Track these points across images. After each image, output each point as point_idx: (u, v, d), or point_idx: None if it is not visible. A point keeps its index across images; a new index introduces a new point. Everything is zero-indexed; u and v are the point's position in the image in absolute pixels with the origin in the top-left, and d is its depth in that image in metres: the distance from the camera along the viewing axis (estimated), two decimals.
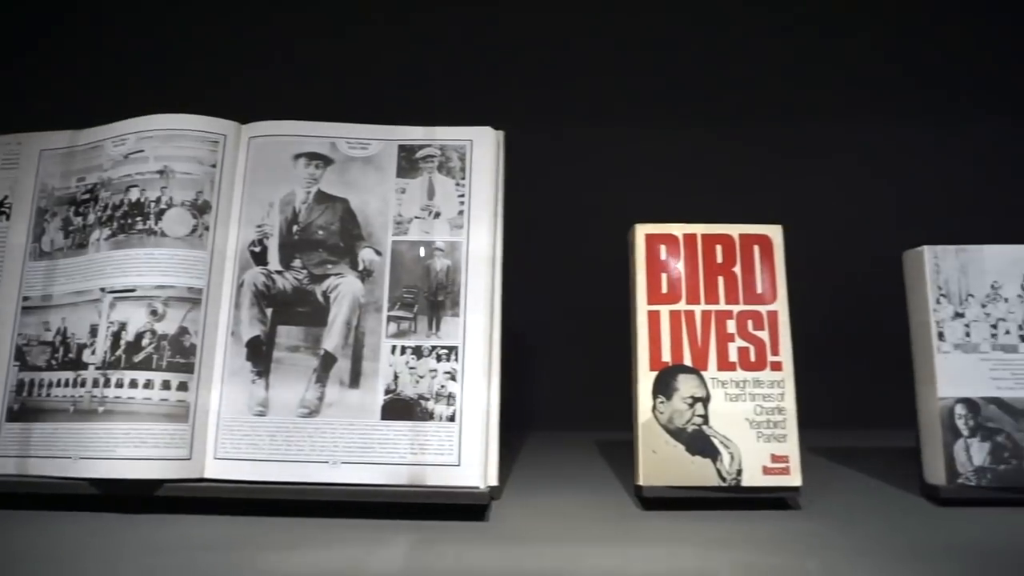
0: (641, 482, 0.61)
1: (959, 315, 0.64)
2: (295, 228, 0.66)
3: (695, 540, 0.54)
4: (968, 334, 0.64)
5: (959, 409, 0.62)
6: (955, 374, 0.63)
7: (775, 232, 0.66)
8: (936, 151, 1.07)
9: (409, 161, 0.68)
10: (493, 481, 0.63)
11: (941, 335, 0.64)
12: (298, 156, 0.67)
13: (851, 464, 0.77)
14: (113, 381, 0.61)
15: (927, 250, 0.65)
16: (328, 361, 0.63)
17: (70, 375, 0.62)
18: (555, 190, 1.03)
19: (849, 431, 0.90)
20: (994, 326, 0.64)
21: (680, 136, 1.06)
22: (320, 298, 0.64)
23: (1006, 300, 0.64)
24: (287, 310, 0.64)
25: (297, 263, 0.65)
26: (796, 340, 0.81)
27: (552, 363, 0.95)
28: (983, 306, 0.64)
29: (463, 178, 0.67)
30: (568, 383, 0.93)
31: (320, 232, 0.66)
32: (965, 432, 0.62)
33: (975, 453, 0.62)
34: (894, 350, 0.73)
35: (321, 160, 0.67)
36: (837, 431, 0.83)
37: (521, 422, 0.85)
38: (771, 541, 0.53)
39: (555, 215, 1.01)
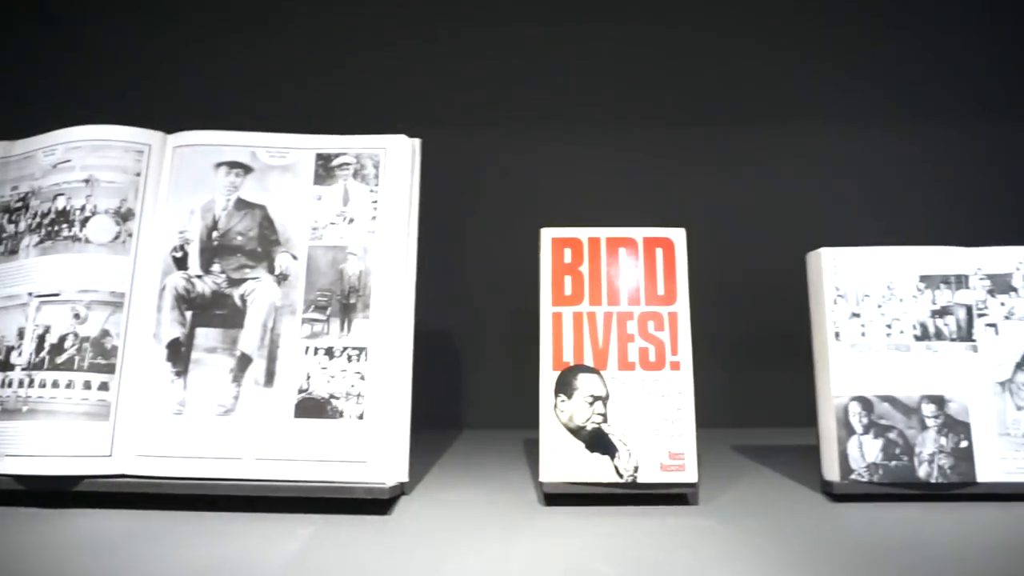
0: (543, 478, 0.63)
1: (855, 315, 0.66)
2: (215, 234, 0.68)
3: (581, 533, 0.56)
4: (864, 334, 0.65)
5: (853, 407, 0.64)
6: (850, 373, 0.65)
7: (678, 235, 0.68)
8: (842, 153, 1.06)
9: (326, 169, 0.70)
10: (403, 477, 0.65)
11: (837, 335, 0.66)
12: (219, 164, 0.70)
13: (761, 461, 0.78)
14: (37, 381, 0.64)
15: (825, 252, 0.67)
16: (244, 362, 0.66)
17: None
18: (483, 194, 1.04)
19: (764, 429, 0.91)
20: (889, 325, 0.65)
21: (590, 141, 1.07)
22: (238, 301, 0.67)
23: (901, 300, 0.66)
24: (206, 313, 0.67)
25: (216, 268, 0.68)
26: (710, 340, 0.83)
27: (486, 363, 0.98)
28: (879, 306, 0.66)
29: (377, 185, 0.69)
30: (500, 382, 0.95)
31: (239, 238, 0.68)
32: (859, 429, 0.64)
33: (868, 450, 0.63)
34: (804, 349, 0.74)
35: (241, 168, 0.70)
36: (752, 429, 0.85)
37: (455, 421, 0.88)
38: (653, 534, 0.55)
39: (478, 218, 1.03)
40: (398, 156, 0.70)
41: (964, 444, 0.63)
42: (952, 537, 0.55)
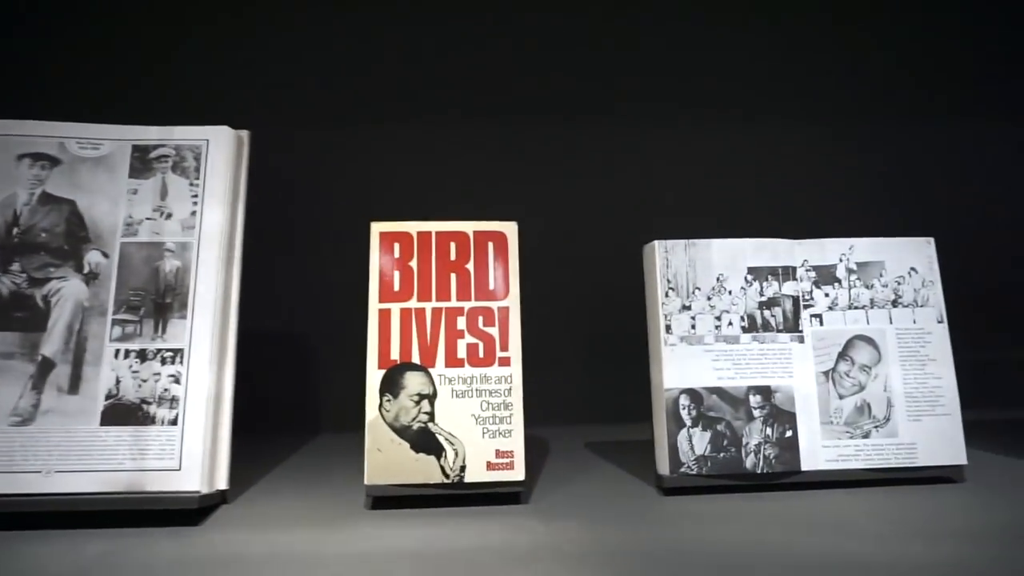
0: (367, 481, 0.61)
1: (686, 308, 0.66)
2: (15, 231, 0.64)
3: (399, 537, 0.54)
4: (694, 326, 0.65)
5: (683, 399, 0.64)
6: (680, 365, 0.64)
7: (510, 229, 0.66)
8: (684, 147, 1.07)
9: (143, 161, 0.66)
10: (222, 485, 0.62)
11: (668, 328, 0.65)
12: (22, 156, 0.65)
13: (609, 457, 0.78)
14: None
15: (658, 244, 0.67)
16: (46, 367, 0.61)
17: None
18: (319, 187, 1.00)
19: (621, 425, 0.91)
20: (718, 318, 0.66)
21: (429, 135, 1.04)
22: (40, 302, 0.62)
23: (730, 292, 0.66)
24: (3, 315, 0.62)
25: (16, 267, 0.63)
26: (565, 335, 0.82)
27: (335, 363, 0.94)
28: (708, 299, 0.66)
29: (197, 178, 0.66)
30: (351, 383, 0.92)
31: (43, 235, 0.64)
32: (688, 422, 0.64)
33: (697, 442, 0.63)
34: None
35: (47, 160, 0.65)
36: (610, 426, 0.85)
37: (308, 425, 0.84)
38: (473, 535, 0.54)
39: (314, 212, 0.99)
40: (221, 148, 0.67)
41: (789, 434, 0.64)
42: (774, 527, 0.55)
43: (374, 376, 0.63)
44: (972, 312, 0.87)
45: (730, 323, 0.66)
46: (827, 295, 0.67)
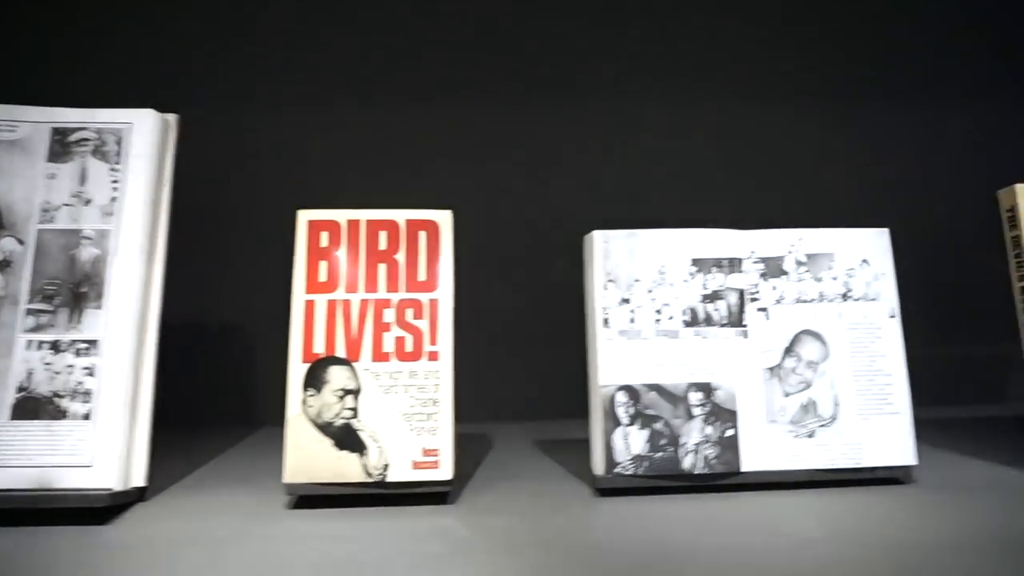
0: (286, 479, 0.58)
1: (625, 301, 0.63)
2: None
3: (313, 537, 0.51)
4: (633, 320, 0.63)
5: (620, 396, 0.61)
6: (618, 361, 0.62)
7: (443, 217, 0.64)
8: (631, 133, 1.03)
9: (62, 145, 0.64)
10: (139, 482, 0.60)
11: (606, 321, 0.63)
12: None
13: (553, 455, 0.75)
14: None
15: (597, 235, 0.64)
16: None
17: None
18: (250, 174, 0.97)
19: (576, 420, 0.88)
20: (659, 311, 0.63)
21: (363, 120, 1.00)
22: None
23: (671, 285, 0.63)
24: None
25: None
26: (514, 329, 0.78)
27: (279, 355, 0.92)
28: (649, 291, 0.63)
29: (119, 163, 0.63)
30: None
31: None
32: (625, 420, 0.61)
33: (633, 441, 0.61)
34: None
35: None
36: (564, 421, 0.82)
37: (246, 418, 0.82)
38: (390, 536, 0.51)
39: (246, 200, 0.95)
40: (145, 132, 0.64)
41: (730, 433, 0.61)
42: (709, 529, 0.52)
43: (297, 370, 0.60)
44: (927, 306, 0.84)
45: (671, 317, 0.63)
46: (774, 288, 0.64)
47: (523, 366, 0.91)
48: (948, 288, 0.97)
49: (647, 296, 0.63)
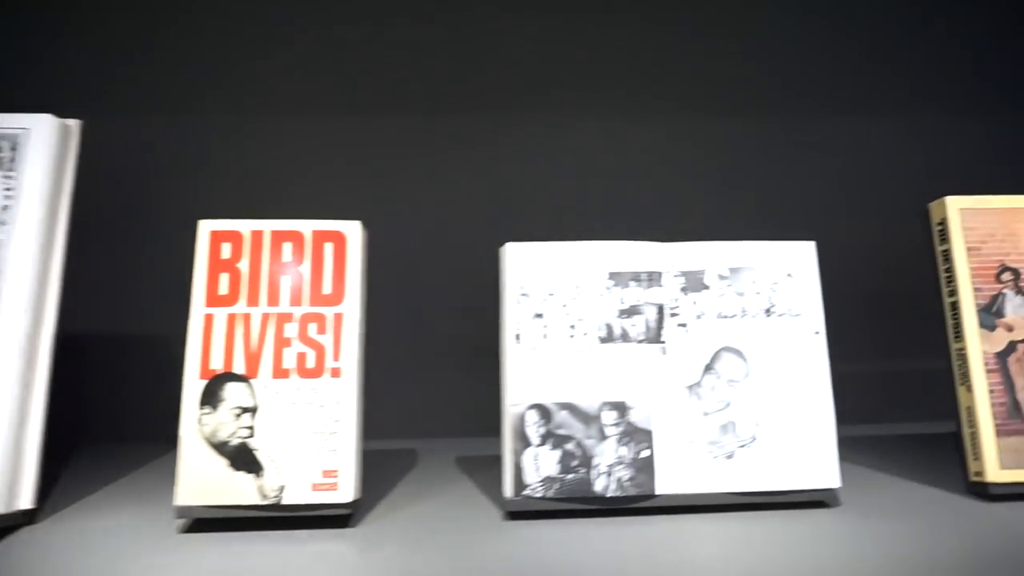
0: (177, 502, 0.56)
1: (539, 315, 0.61)
2: None
3: (192, 565, 0.49)
4: (546, 335, 0.60)
5: (530, 415, 0.59)
6: (529, 378, 0.59)
7: (351, 229, 0.61)
8: (551, 145, 1.00)
9: None
10: (25, 504, 0.57)
11: (518, 337, 0.60)
12: None
13: (471, 474, 0.73)
14: None
15: (511, 247, 0.62)
16: None
17: None
18: (156, 182, 0.92)
19: (490, 439, 0.86)
20: (573, 327, 0.60)
21: (274, 128, 0.97)
22: None
23: (587, 299, 0.61)
24: None
25: None
26: (440, 342, 0.75)
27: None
28: (563, 306, 0.61)
29: (12, 170, 0.61)
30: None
31: None
32: (535, 440, 0.59)
33: (544, 462, 0.58)
34: None
35: None
36: (488, 438, 0.79)
37: (139, 438, 0.78)
38: (271, 561, 0.49)
39: (153, 209, 0.91)
40: (43, 138, 0.62)
41: (645, 454, 0.59)
42: (621, 555, 0.50)
43: (193, 387, 0.58)
44: (855, 321, 0.82)
45: (585, 332, 0.60)
46: (695, 303, 0.62)
47: (454, 380, 0.88)
48: (880, 303, 0.95)
49: (561, 311, 0.61)
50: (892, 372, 0.94)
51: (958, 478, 0.64)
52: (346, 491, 0.56)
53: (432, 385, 0.90)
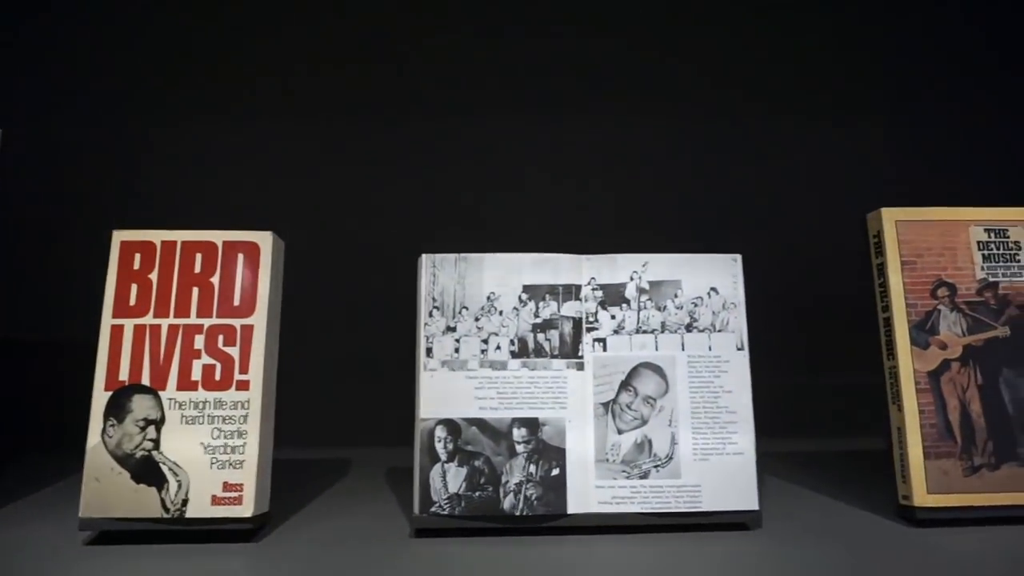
0: (81, 514, 0.56)
1: (451, 329, 0.59)
2: None
3: None
4: (457, 350, 0.59)
5: (439, 431, 0.58)
6: (439, 393, 0.58)
7: (264, 239, 0.61)
8: (471, 153, 0.98)
9: None
10: None
11: (429, 351, 0.59)
12: None
13: (396, 485, 0.71)
14: None
15: (425, 258, 0.61)
16: None
17: None
18: (68, 190, 0.92)
19: None
20: (485, 341, 0.59)
21: (190, 137, 0.96)
22: None
23: (501, 313, 0.60)
24: None
25: None
26: (376, 349, 0.74)
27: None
28: (476, 319, 0.59)
29: None
30: None
31: None
32: (443, 456, 0.57)
33: (451, 479, 0.57)
34: None
35: None
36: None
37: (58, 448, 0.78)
38: None
39: (63, 218, 0.90)
40: None
41: (556, 472, 0.57)
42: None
43: (100, 399, 0.57)
44: (783, 336, 0.79)
45: (498, 347, 0.59)
46: (613, 317, 0.60)
47: (395, 387, 0.87)
48: (816, 317, 0.92)
49: (473, 324, 0.59)
50: (833, 387, 0.91)
51: (891, 500, 0.61)
52: (248, 505, 0.56)
53: (372, 393, 0.89)
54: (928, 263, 0.61)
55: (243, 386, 0.58)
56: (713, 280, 0.61)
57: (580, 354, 0.59)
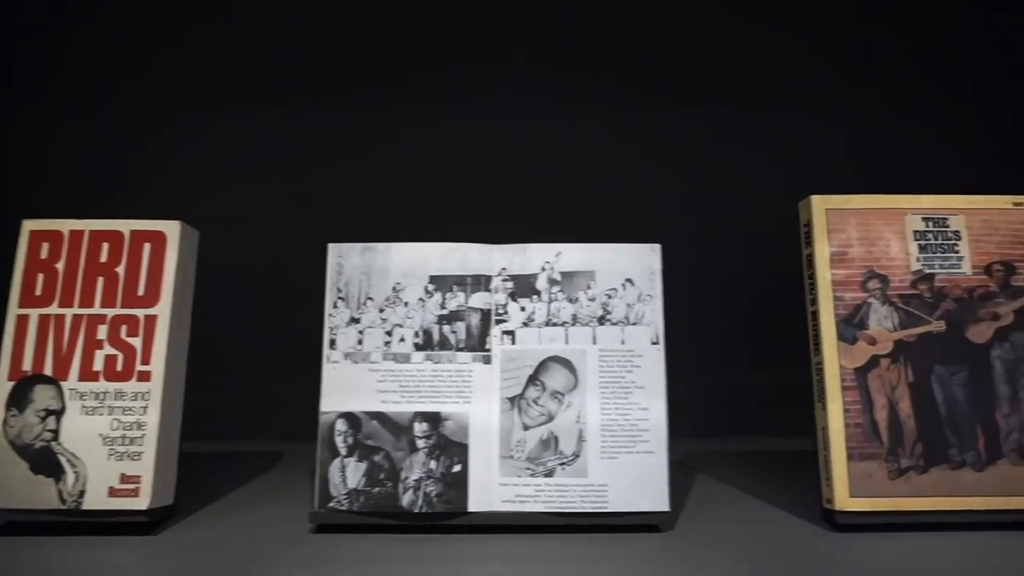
0: None
1: (355, 320, 0.58)
2: None
3: None
4: (361, 341, 0.58)
5: (339, 425, 0.56)
6: (341, 386, 0.57)
7: (171, 229, 0.60)
8: (383, 142, 0.96)
9: None
10: None
11: (333, 343, 0.58)
12: None
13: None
14: None
15: (332, 248, 0.59)
16: None
17: None
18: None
19: None
20: (389, 333, 0.58)
21: (101, 123, 0.95)
22: None
23: (406, 304, 0.58)
24: None
25: None
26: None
27: None
28: (381, 311, 0.58)
29: None
30: None
31: None
32: (343, 451, 0.56)
33: (351, 474, 0.56)
34: None
35: None
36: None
37: None
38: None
39: None
40: None
41: (458, 469, 0.55)
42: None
43: (2, 388, 0.57)
44: (722, 331, 0.76)
45: (402, 339, 0.58)
46: (523, 309, 0.58)
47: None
48: (756, 312, 0.88)
49: (378, 316, 0.58)
50: (772, 384, 0.87)
51: (819, 503, 0.58)
52: (144, 498, 0.55)
53: (300, 386, 0.88)
54: (860, 254, 0.58)
55: (144, 377, 0.57)
56: (629, 271, 0.58)
57: (487, 347, 0.57)
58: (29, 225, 0.60)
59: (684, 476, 0.70)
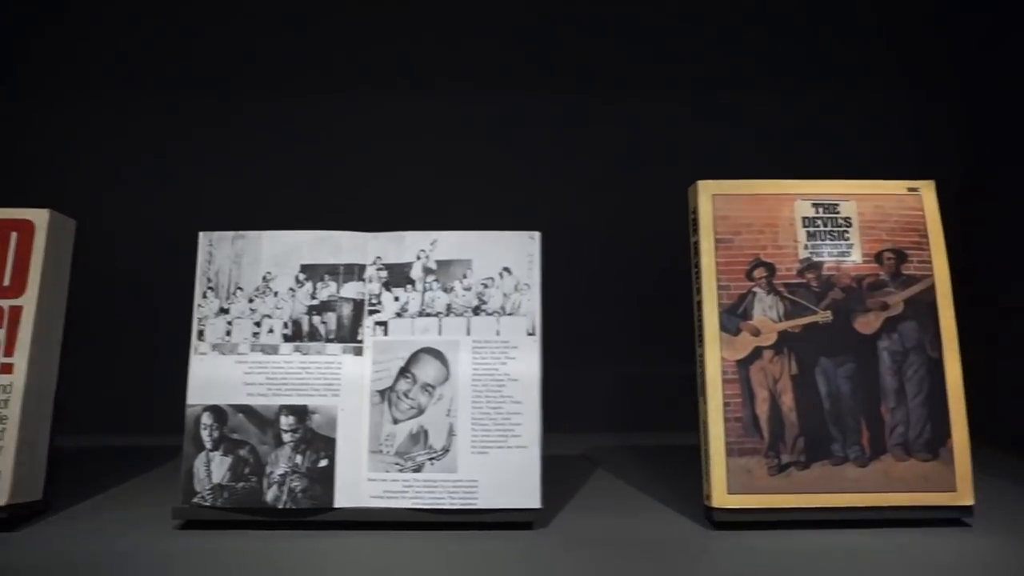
0: None
1: (224, 311, 0.56)
2: None
3: None
4: (229, 332, 0.56)
5: (205, 418, 0.55)
6: (208, 378, 0.55)
7: (39, 217, 0.58)
8: (261, 133, 0.94)
9: None
10: None
11: (201, 334, 0.56)
12: None
13: None
14: None
15: (202, 236, 0.58)
16: None
17: None
18: None
19: None
20: (258, 324, 0.56)
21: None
22: None
23: (276, 294, 0.56)
24: None
25: None
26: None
27: None
28: (250, 301, 0.56)
29: None
30: None
31: None
32: (208, 444, 0.54)
33: (216, 468, 0.54)
34: None
35: None
36: None
37: None
38: None
39: None
40: None
41: (324, 463, 0.54)
42: (283, 573, 0.46)
43: None
44: (615, 322, 0.73)
45: (271, 330, 0.56)
46: (397, 299, 0.56)
47: None
48: (654, 302, 0.85)
49: (247, 306, 0.56)
50: (669, 376, 0.85)
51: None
52: (4, 494, 0.54)
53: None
54: (746, 241, 0.56)
55: (7, 369, 0.56)
56: (506, 259, 0.56)
57: (359, 338, 0.56)
58: None
59: (582, 471, 0.68)
